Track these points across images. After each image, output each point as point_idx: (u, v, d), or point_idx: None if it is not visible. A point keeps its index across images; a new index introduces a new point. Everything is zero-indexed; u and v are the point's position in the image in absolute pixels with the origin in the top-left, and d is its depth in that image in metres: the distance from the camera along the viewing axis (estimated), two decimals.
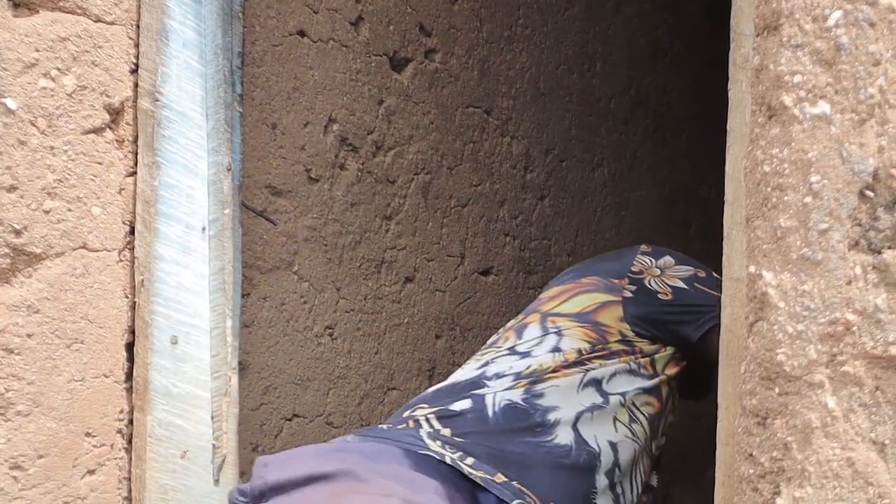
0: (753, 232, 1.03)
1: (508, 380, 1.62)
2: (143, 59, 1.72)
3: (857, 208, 0.96)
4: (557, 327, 1.68)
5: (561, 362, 1.63)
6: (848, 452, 0.95)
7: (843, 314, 0.96)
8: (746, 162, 1.07)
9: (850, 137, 0.97)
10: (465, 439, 1.53)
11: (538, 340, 1.68)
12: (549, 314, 1.73)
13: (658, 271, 1.74)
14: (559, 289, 1.79)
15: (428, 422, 1.56)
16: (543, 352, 1.65)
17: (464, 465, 1.48)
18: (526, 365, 1.64)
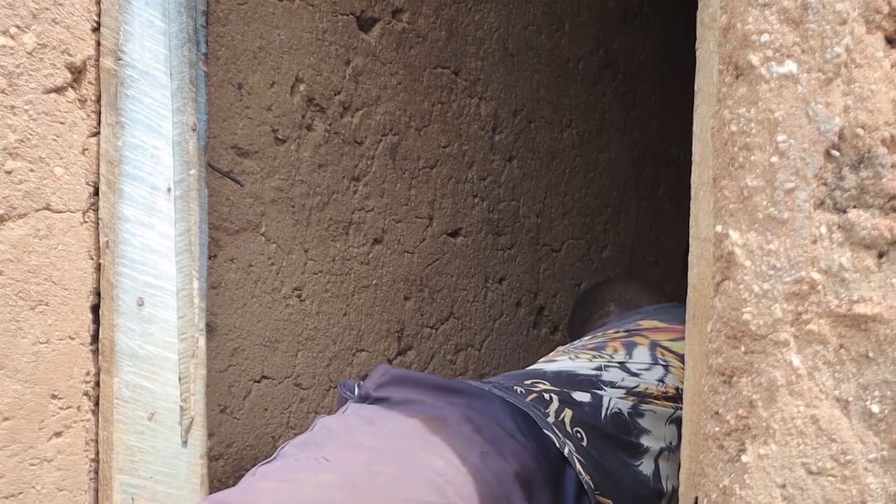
0: (720, 192, 1.03)
1: (621, 392, 1.69)
2: (104, 17, 1.70)
3: (823, 168, 0.96)
4: (666, 361, 1.76)
5: (662, 392, 1.71)
6: (812, 410, 0.96)
7: (809, 273, 0.96)
8: (714, 122, 1.06)
9: (816, 97, 0.97)
10: (580, 432, 1.57)
11: (647, 366, 1.76)
12: (658, 344, 1.81)
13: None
14: (665, 325, 1.86)
15: (553, 400, 1.60)
16: (651, 378, 1.73)
17: (576, 462, 1.52)
18: (635, 383, 1.71)
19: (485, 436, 1.44)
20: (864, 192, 0.95)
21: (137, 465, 1.76)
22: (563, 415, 1.58)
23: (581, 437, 1.57)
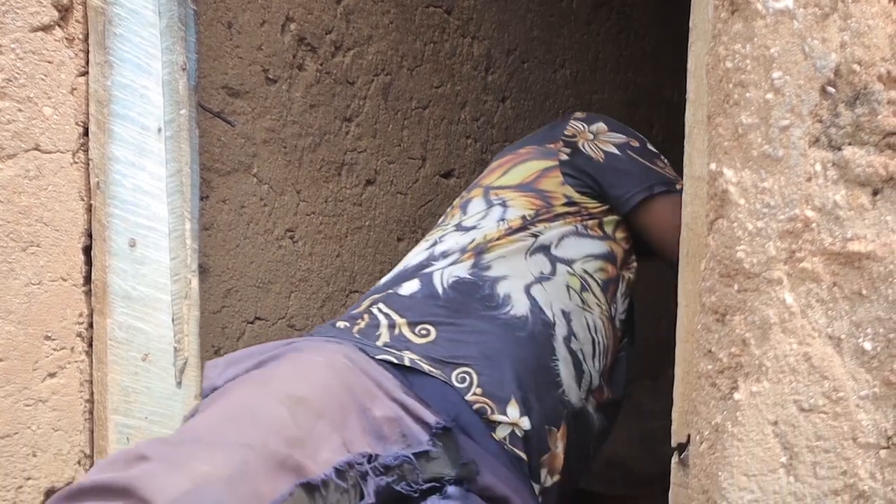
0: (715, 129, 1.02)
1: (454, 256, 1.62)
2: None
3: (819, 104, 0.96)
4: (501, 199, 1.67)
5: (506, 230, 1.63)
6: (805, 347, 0.96)
7: (803, 211, 0.96)
8: (709, 58, 1.05)
9: (812, 32, 0.95)
10: (424, 327, 1.53)
11: (483, 213, 1.67)
12: (491, 187, 1.72)
13: (591, 136, 1.73)
14: (498, 162, 1.78)
15: (380, 311, 1.56)
16: (489, 223, 1.65)
17: (422, 364, 1.49)
18: (470, 239, 1.64)
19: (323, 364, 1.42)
20: (859, 129, 0.94)
21: (132, 406, 1.77)
22: (397, 323, 1.54)
23: (427, 332, 1.53)
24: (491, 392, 1.47)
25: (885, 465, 0.94)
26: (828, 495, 0.96)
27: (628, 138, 1.73)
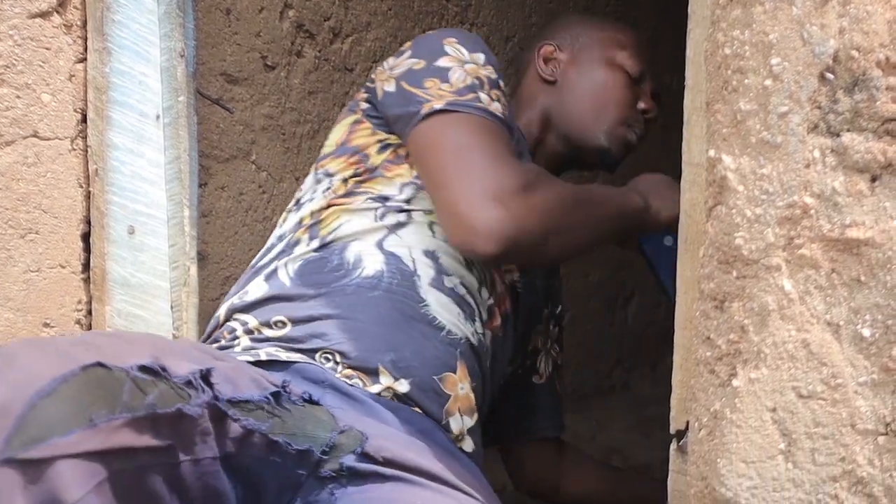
0: (713, 116, 1.02)
1: (292, 234, 1.57)
2: None
3: (817, 91, 0.96)
4: (326, 170, 1.60)
5: (332, 197, 1.56)
6: (803, 334, 0.96)
7: (801, 197, 0.96)
8: (707, 45, 1.05)
9: (811, 18, 0.95)
10: (279, 320, 1.47)
11: (312, 188, 1.61)
12: (317, 161, 1.65)
13: (387, 72, 1.60)
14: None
15: (236, 320, 1.51)
16: (317, 196, 1.58)
17: (281, 355, 1.44)
18: (303, 214, 1.58)
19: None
20: (858, 115, 0.94)
21: None
22: (252, 326, 1.48)
23: (283, 324, 1.47)
24: (357, 366, 1.42)
25: (883, 452, 0.94)
26: (826, 481, 0.97)
27: (414, 62, 1.57)
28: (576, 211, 1.50)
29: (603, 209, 1.56)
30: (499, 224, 1.40)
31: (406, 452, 1.34)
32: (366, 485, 1.29)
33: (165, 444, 1.17)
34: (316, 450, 1.28)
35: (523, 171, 1.46)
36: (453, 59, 1.55)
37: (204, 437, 1.21)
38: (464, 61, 1.55)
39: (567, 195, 1.50)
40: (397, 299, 1.48)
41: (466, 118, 1.49)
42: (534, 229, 1.42)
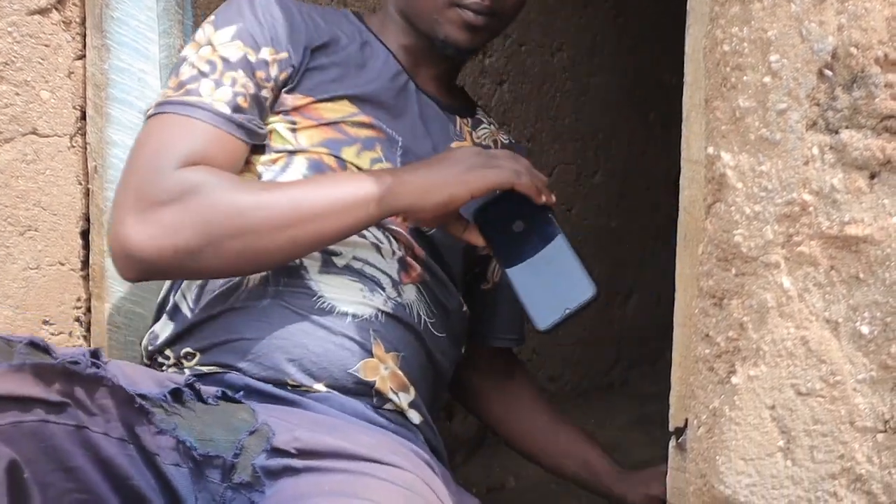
0: (712, 113, 1.02)
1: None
2: None
3: (816, 88, 0.96)
4: None
5: None
6: (802, 331, 0.96)
7: (800, 194, 0.96)
8: (706, 41, 1.05)
9: (810, 15, 0.95)
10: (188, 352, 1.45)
11: None
12: None
13: None
14: None
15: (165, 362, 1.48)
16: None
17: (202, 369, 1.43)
18: None
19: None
20: (856, 112, 0.94)
21: None
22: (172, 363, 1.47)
23: (192, 355, 1.43)
24: (266, 376, 1.39)
25: (882, 449, 0.94)
26: (825, 479, 0.97)
27: (187, 50, 1.48)
28: (241, 219, 1.31)
29: (295, 211, 1.33)
30: (137, 245, 1.30)
31: (325, 437, 1.28)
32: (279, 482, 1.23)
33: (58, 401, 1.14)
34: (226, 455, 1.23)
35: (181, 180, 1.32)
36: (195, 44, 1.46)
37: (105, 413, 1.18)
38: (201, 45, 1.45)
39: (229, 203, 1.32)
40: (289, 302, 1.42)
41: (160, 121, 1.39)
42: (178, 245, 1.30)
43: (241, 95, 1.42)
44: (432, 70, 1.62)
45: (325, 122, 1.49)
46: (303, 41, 1.50)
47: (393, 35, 1.60)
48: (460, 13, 1.50)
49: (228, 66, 1.43)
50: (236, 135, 1.41)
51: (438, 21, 1.51)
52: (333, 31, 1.55)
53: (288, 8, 1.50)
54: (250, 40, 1.45)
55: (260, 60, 1.45)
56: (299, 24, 1.50)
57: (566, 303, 1.32)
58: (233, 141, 1.41)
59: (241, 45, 1.44)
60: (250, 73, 1.44)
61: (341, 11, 1.66)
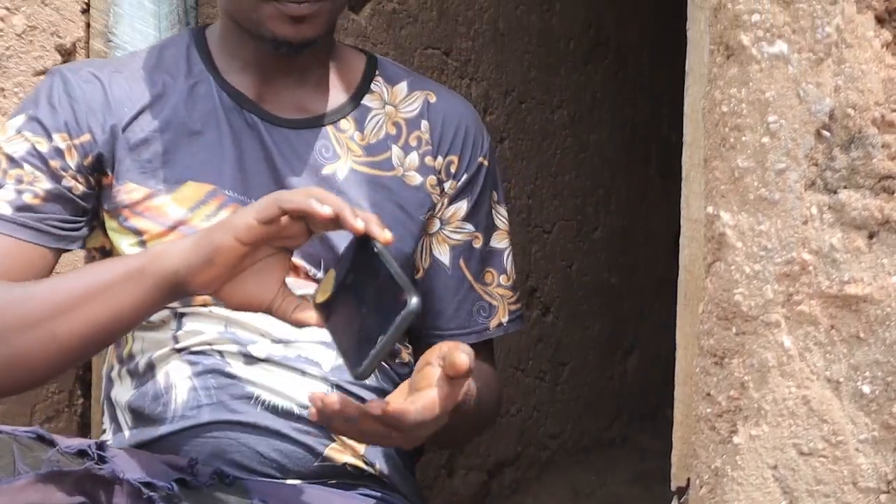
0: (711, 173, 1.03)
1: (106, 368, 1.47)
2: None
3: (814, 148, 0.96)
4: None
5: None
6: (803, 391, 0.96)
7: (800, 254, 0.96)
8: (705, 102, 1.06)
9: (807, 77, 0.96)
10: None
11: None
12: None
13: None
14: None
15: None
16: None
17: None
18: None
19: None
20: (854, 172, 0.95)
21: None
22: None
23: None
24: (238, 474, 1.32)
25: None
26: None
27: None
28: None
29: (49, 302, 1.17)
30: None
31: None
32: None
33: (78, 502, 1.10)
34: None
35: None
36: None
37: None
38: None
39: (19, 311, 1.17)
40: (229, 407, 1.32)
41: None
42: None
43: (30, 192, 1.29)
44: (287, 78, 1.41)
45: (173, 225, 1.34)
46: (111, 118, 1.35)
47: (230, 48, 1.42)
48: (277, 6, 1.30)
49: (13, 164, 1.30)
50: (20, 237, 1.27)
51: (259, 20, 1.32)
52: (155, 89, 1.38)
53: (92, 81, 1.36)
54: (39, 129, 1.32)
55: (52, 149, 1.32)
56: (102, 100, 1.35)
57: (377, 335, 1.05)
58: (18, 245, 1.27)
59: (28, 136, 1.32)
60: (42, 165, 1.31)
61: (174, 39, 1.49)
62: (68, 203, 1.32)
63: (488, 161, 1.48)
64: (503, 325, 1.49)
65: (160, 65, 1.41)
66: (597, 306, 3.21)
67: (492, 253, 1.49)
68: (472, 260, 1.47)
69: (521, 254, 2.96)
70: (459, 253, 1.46)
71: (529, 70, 2.98)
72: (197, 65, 1.41)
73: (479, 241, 1.47)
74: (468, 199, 1.46)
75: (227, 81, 1.40)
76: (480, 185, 1.47)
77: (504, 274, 1.50)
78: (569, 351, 3.11)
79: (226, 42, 1.42)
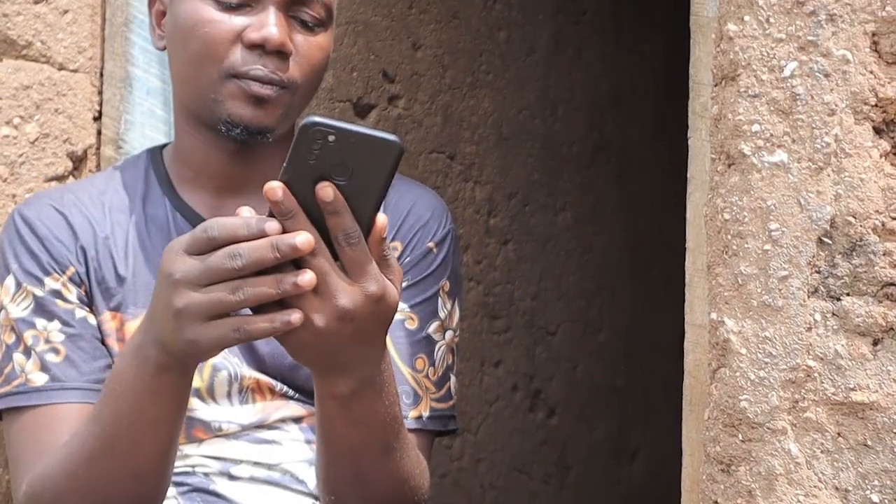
0: (715, 279, 1.04)
1: None
2: (106, 107, 1.72)
3: (816, 255, 0.97)
4: None
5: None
6: (811, 499, 0.96)
7: (805, 360, 0.97)
8: (707, 209, 1.08)
9: (807, 185, 0.98)
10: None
11: None
12: None
13: None
14: None
15: None
16: None
17: None
18: None
19: None
20: (857, 279, 0.96)
21: None
22: None
23: None
24: None
25: None
26: None
27: None
28: (53, 484, 1.16)
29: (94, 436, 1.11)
30: None
31: None
32: None
33: None
34: None
35: (28, 480, 1.19)
36: None
37: None
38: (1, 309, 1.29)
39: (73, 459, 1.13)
40: None
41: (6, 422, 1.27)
42: None
43: (51, 351, 1.27)
44: (243, 189, 1.33)
45: None
46: (80, 249, 1.31)
47: (184, 155, 1.35)
48: (241, 85, 1.23)
49: (25, 325, 1.27)
50: (61, 401, 1.25)
51: (217, 100, 1.25)
52: (114, 216, 1.35)
53: (54, 215, 1.33)
54: (31, 279, 1.29)
55: (50, 292, 1.29)
56: (69, 233, 1.32)
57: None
58: (64, 409, 1.25)
59: (27, 292, 1.28)
60: (48, 313, 1.28)
61: (133, 160, 1.44)
62: (87, 341, 1.29)
63: (441, 249, 1.40)
64: (422, 419, 1.36)
65: (119, 188, 1.37)
66: (602, 408, 3.19)
67: (426, 340, 1.40)
68: (402, 339, 1.37)
69: (524, 356, 2.95)
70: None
71: (533, 173, 3.01)
72: (153, 186, 1.37)
73: (414, 324, 1.38)
74: (407, 280, 1.35)
75: (183, 199, 1.35)
76: (426, 271, 1.39)
77: (432, 367, 1.40)
78: (574, 454, 3.08)
79: (179, 150, 1.36)
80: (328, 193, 0.92)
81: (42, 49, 1.64)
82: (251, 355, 1.30)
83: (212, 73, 1.24)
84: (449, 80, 2.71)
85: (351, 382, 1.02)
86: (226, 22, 1.24)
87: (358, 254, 0.94)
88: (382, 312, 0.97)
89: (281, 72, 1.24)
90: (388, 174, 0.94)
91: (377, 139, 0.93)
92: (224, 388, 1.29)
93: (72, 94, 1.68)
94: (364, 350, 1.00)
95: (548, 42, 3.08)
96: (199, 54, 1.25)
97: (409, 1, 2.57)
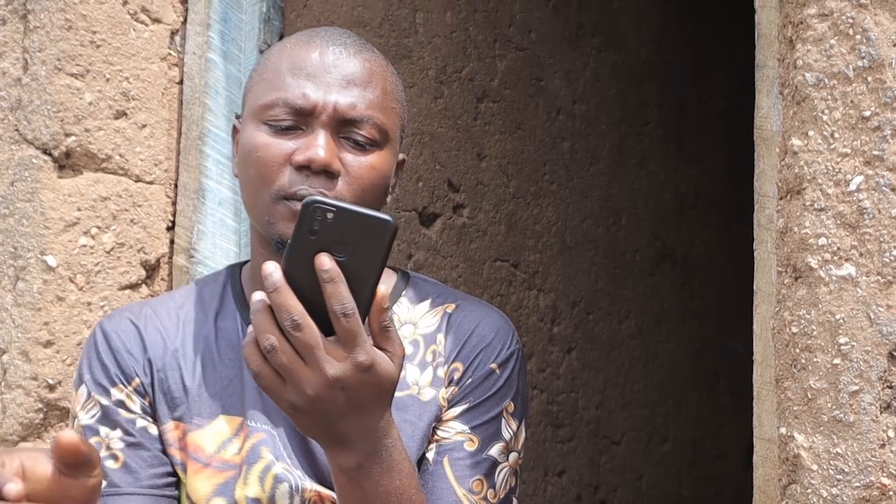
0: (784, 393, 1.03)
1: None
2: (179, 217, 1.77)
3: (888, 370, 0.97)
4: None
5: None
6: None
7: (878, 478, 0.95)
8: (774, 322, 1.08)
9: (876, 299, 0.98)
10: None
11: None
12: None
13: None
14: None
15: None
16: None
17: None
18: None
19: None
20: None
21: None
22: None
23: None
24: None
25: None
26: None
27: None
28: None
29: None
30: None
31: None
32: None
33: None
34: None
35: None
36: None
37: None
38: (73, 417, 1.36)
39: None
40: None
41: None
42: None
43: (111, 458, 1.32)
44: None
45: (207, 462, 1.33)
46: (147, 362, 1.36)
47: (256, 271, 1.37)
48: (290, 206, 1.26)
49: (91, 432, 1.33)
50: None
51: (271, 222, 1.28)
52: (188, 329, 1.39)
53: (130, 328, 1.38)
54: (99, 389, 1.34)
55: (115, 402, 1.34)
56: (140, 345, 1.36)
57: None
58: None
59: (95, 401, 1.34)
60: (112, 421, 1.33)
61: (214, 276, 1.48)
62: (147, 449, 1.33)
63: (505, 369, 1.40)
64: None
65: (196, 302, 1.42)
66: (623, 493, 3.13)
67: (487, 462, 1.39)
68: (460, 460, 1.37)
69: (589, 465, 2.92)
70: (445, 451, 1.36)
71: (597, 281, 3.02)
72: (228, 301, 1.41)
73: (473, 445, 1.38)
74: (469, 402, 1.37)
75: None
76: (489, 392, 1.38)
77: (492, 489, 1.38)
78: None
79: (253, 267, 1.39)
80: (324, 262, 1.00)
81: (120, 162, 1.69)
82: (313, 468, 1.31)
83: (265, 196, 1.28)
84: (513, 189, 2.75)
85: (355, 455, 1.07)
86: (277, 145, 1.27)
87: (352, 325, 1.00)
88: (374, 382, 1.03)
89: (328, 191, 1.26)
90: (384, 251, 1.01)
91: (372, 217, 1.01)
92: (286, 501, 1.30)
93: (147, 204, 1.73)
94: (362, 421, 1.06)
95: (610, 151, 3.11)
96: (255, 178, 1.29)
97: (475, 112, 2.62)
